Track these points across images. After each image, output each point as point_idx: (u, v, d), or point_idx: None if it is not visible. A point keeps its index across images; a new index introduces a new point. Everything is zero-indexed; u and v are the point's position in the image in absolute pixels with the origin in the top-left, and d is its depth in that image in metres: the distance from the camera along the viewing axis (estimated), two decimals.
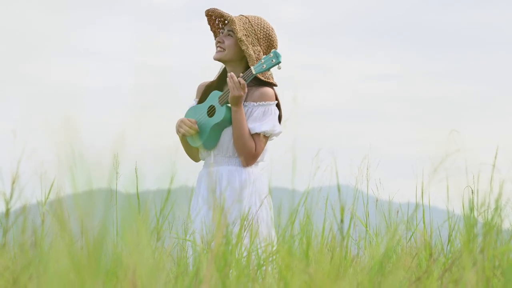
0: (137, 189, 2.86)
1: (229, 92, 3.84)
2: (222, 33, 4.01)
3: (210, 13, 3.99)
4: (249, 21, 3.92)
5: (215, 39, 4.06)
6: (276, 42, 3.97)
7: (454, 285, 2.56)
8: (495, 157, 2.80)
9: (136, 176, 2.49)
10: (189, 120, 3.94)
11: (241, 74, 3.84)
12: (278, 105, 3.93)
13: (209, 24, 4.04)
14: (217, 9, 3.95)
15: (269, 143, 3.96)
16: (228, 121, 3.89)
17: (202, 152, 3.98)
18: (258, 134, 3.85)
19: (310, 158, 3.31)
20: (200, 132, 3.94)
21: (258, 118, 3.87)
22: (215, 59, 3.97)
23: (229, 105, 3.87)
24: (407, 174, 3.95)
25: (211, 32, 4.06)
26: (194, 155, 4.04)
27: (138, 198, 3.17)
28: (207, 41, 4.05)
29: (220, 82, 4.03)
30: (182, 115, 4.06)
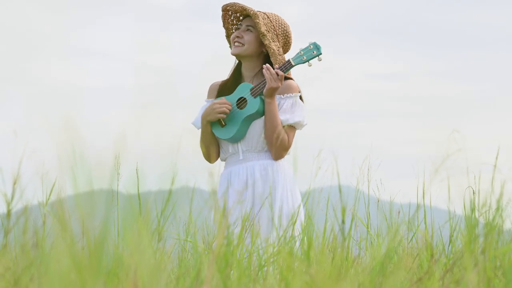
0: (138, 189, 2.86)
1: (263, 83, 3.81)
2: (235, 29, 3.99)
3: (228, 7, 3.96)
4: (268, 17, 3.91)
5: (226, 35, 4.03)
6: (292, 39, 3.97)
7: (456, 285, 2.56)
8: (496, 157, 2.80)
9: (137, 176, 2.48)
10: (225, 101, 3.86)
11: (277, 66, 3.82)
12: (301, 98, 3.93)
13: (223, 20, 4.00)
14: (237, 3, 3.93)
15: None
16: (261, 113, 3.84)
17: (229, 150, 3.92)
18: (289, 125, 3.84)
19: (311, 159, 3.31)
20: (230, 124, 3.87)
21: (287, 109, 3.86)
22: (233, 54, 3.93)
23: (263, 97, 3.84)
24: (408, 174, 3.95)
25: (223, 28, 4.03)
26: (212, 154, 3.96)
27: (139, 198, 3.16)
28: (207, 41, 4.04)
29: (234, 80, 4.00)
30: (182, 115, 4.05)
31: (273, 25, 3.90)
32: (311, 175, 3.93)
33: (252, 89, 3.84)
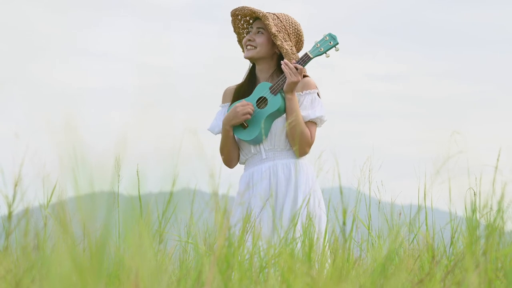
0: (139, 191, 2.86)
1: (283, 80, 3.81)
2: (246, 32, 3.99)
3: (237, 12, 3.96)
4: (278, 17, 3.92)
5: (238, 40, 4.03)
6: (303, 38, 3.97)
7: (457, 287, 2.56)
8: (498, 159, 2.80)
9: (138, 178, 2.48)
10: (249, 103, 3.84)
11: (294, 61, 3.82)
12: (318, 95, 3.94)
13: (233, 25, 4.00)
14: (246, 6, 3.93)
15: None
16: (282, 111, 3.82)
17: (251, 150, 3.89)
18: (311, 121, 3.84)
19: (312, 160, 3.31)
20: (252, 125, 3.84)
21: (308, 106, 3.86)
22: (247, 57, 3.93)
23: (283, 94, 3.82)
24: (409, 175, 3.95)
25: (234, 33, 4.03)
26: (234, 158, 3.94)
27: (140, 200, 3.16)
28: (208, 42, 4.05)
29: (250, 82, 4.00)
30: (183, 116, 4.04)
31: (284, 25, 3.90)
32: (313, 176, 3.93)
33: (272, 87, 3.83)
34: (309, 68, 3.94)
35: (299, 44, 3.96)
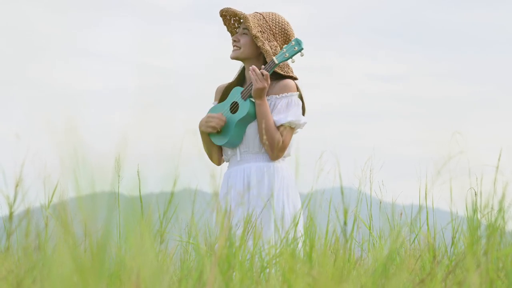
0: (140, 191, 2.86)
1: (251, 85, 3.82)
2: (238, 32, 4.01)
3: (224, 13, 3.98)
4: (264, 17, 3.91)
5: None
6: (293, 37, 3.96)
7: (458, 287, 2.56)
8: (499, 159, 2.80)
9: (139, 178, 2.48)
10: (218, 116, 3.89)
11: (263, 66, 3.83)
12: (300, 97, 3.92)
13: (225, 24, 4.02)
14: (230, 8, 3.94)
15: (294, 137, 3.93)
16: (252, 116, 3.84)
17: (228, 152, 3.95)
18: (283, 125, 3.83)
19: (313, 160, 3.31)
20: (224, 129, 3.89)
21: (282, 109, 3.84)
22: (232, 58, 3.96)
23: (253, 99, 3.85)
24: (410, 176, 3.95)
25: (228, 32, 4.04)
26: (216, 157, 3.99)
27: (141, 201, 3.17)
28: (208, 42, 4.04)
29: (239, 82, 4.02)
30: (184, 117, 4.05)
31: (269, 25, 3.90)
32: (313, 177, 3.93)
33: (242, 92, 3.86)
34: (309, 68, 3.93)
35: (287, 43, 3.95)
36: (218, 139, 3.92)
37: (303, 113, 3.91)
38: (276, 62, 3.80)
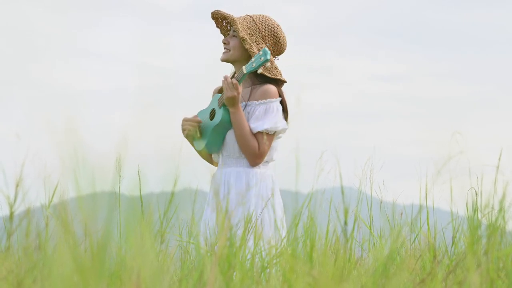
0: (140, 191, 2.86)
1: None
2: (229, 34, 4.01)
3: (215, 15, 3.99)
4: (253, 20, 3.91)
5: None
6: (284, 39, 3.95)
7: (458, 287, 2.56)
8: (499, 159, 2.80)
9: (139, 178, 2.48)
10: (191, 119, 3.95)
11: (236, 75, 3.85)
12: (282, 102, 3.91)
13: (217, 27, 4.03)
14: (220, 10, 3.95)
15: (278, 142, 3.93)
16: (228, 122, 3.86)
17: (215, 155, 3.98)
18: (260, 132, 3.83)
19: (313, 160, 3.30)
20: (203, 135, 3.93)
21: (260, 116, 3.84)
22: (222, 60, 3.97)
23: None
24: (411, 175, 3.95)
25: (222, 34, 4.05)
26: (208, 159, 4.04)
27: (141, 200, 3.17)
28: (208, 42, 4.05)
29: None
30: (183, 116, 4.06)
31: (258, 28, 3.89)
32: (314, 176, 3.92)
33: (218, 99, 3.88)
34: (311, 69, 3.93)
35: (277, 46, 3.93)
36: (198, 143, 3.98)
37: (286, 118, 3.90)
38: (245, 71, 3.80)
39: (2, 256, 2.65)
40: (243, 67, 3.81)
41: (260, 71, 3.83)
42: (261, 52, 3.79)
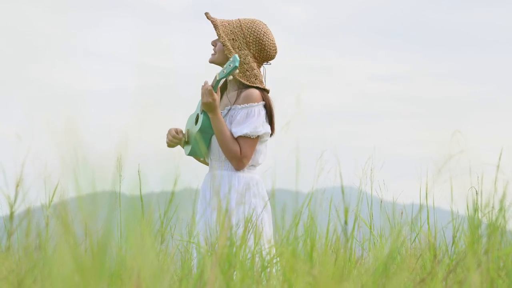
0: (140, 191, 2.86)
1: None
2: None
3: (207, 17, 4.01)
4: (241, 25, 3.90)
5: None
6: (270, 46, 3.92)
7: (459, 286, 2.56)
8: (499, 158, 2.80)
9: (140, 178, 2.48)
10: (175, 130, 3.98)
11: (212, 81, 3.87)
12: (266, 106, 3.89)
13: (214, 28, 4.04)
14: (207, 13, 3.97)
15: (268, 144, 3.93)
16: (209, 127, 3.87)
17: (205, 157, 4.00)
18: (241, 136, 3.83)
19: (314, 160, 3.30)
20: (190, 140, 3.97)
21: (241, 121, 3.83)
22: (209, 62, 3.99)
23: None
24: (411, 175, 3.95)
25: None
26: (203, 161, 4.06)
27: (141, 200, 3.17)
28: (208, 42, 4.05)
29: (224, 87, 4.02)
30: (184, 117, 4.07)
31: (244, 33, 3.89)
32: (314, 176, 3.92)
33: (200, 105, 3.90)
34: (311, 69, 3.92)
35: (262, 53, 3.91)
36: (185, 148, 4.01)
37: (271, 121, 3.88)
38: (218, 78, 3.82)
39: (2, 256, 2.65)
40: (217, 73, 3.83)
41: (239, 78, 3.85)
42: (231, 59, 3.78)
